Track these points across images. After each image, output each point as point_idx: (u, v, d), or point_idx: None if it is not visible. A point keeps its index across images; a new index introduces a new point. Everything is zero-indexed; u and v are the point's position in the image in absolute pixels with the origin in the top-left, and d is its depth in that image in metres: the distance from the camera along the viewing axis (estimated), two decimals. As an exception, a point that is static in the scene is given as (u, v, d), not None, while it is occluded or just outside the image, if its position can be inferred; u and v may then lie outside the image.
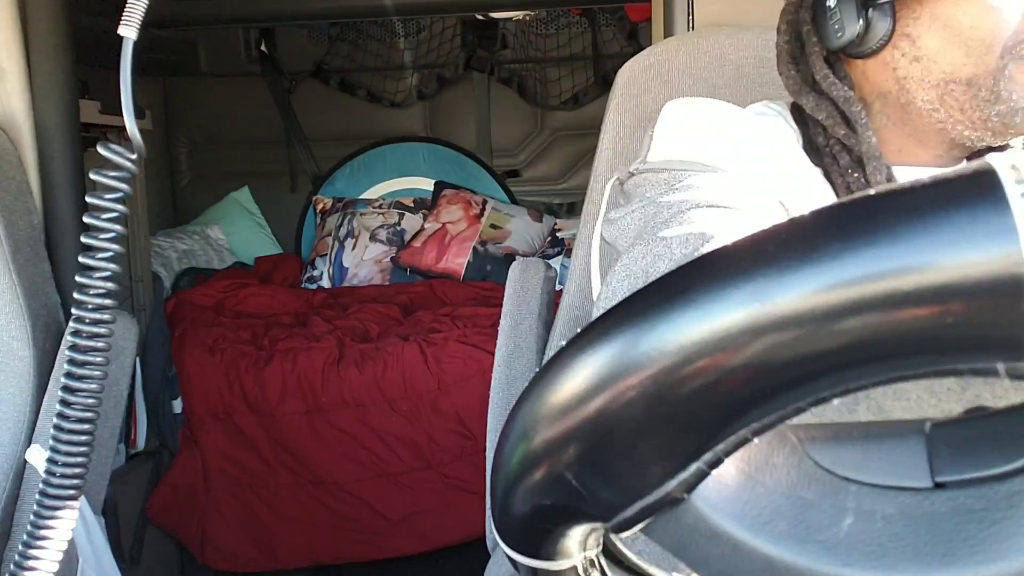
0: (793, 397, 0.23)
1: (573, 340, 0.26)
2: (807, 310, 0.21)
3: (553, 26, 3.11)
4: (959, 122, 0.63)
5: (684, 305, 0.23)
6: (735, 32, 1.08)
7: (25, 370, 1.09)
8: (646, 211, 0.63)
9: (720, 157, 0.65)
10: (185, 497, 1.93)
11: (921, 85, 0.63)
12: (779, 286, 0.21)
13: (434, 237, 2.88)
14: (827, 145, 0.68)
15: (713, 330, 0.22)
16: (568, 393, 0.25)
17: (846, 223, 0.22)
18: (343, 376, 1.97)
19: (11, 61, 1.18)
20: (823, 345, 0.21)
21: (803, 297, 0.21)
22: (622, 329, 0.24)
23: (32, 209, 1.18)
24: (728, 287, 0.22)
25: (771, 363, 0.22)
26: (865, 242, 0.21)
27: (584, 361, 0.25)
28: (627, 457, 0.24)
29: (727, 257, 0.23)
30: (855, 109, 0.65)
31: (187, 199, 3.25)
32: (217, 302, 2.42)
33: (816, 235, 0.22)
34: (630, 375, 0.23)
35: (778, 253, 0.22)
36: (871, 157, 0.65)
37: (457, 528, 1.96)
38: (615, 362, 0.24)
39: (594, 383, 0.25)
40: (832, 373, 0.22)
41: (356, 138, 3.22)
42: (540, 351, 1.07)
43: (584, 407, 0.25)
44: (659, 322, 0.23)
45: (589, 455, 0.25)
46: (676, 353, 0.23)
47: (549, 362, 0.27)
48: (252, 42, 3.12)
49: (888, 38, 0.63)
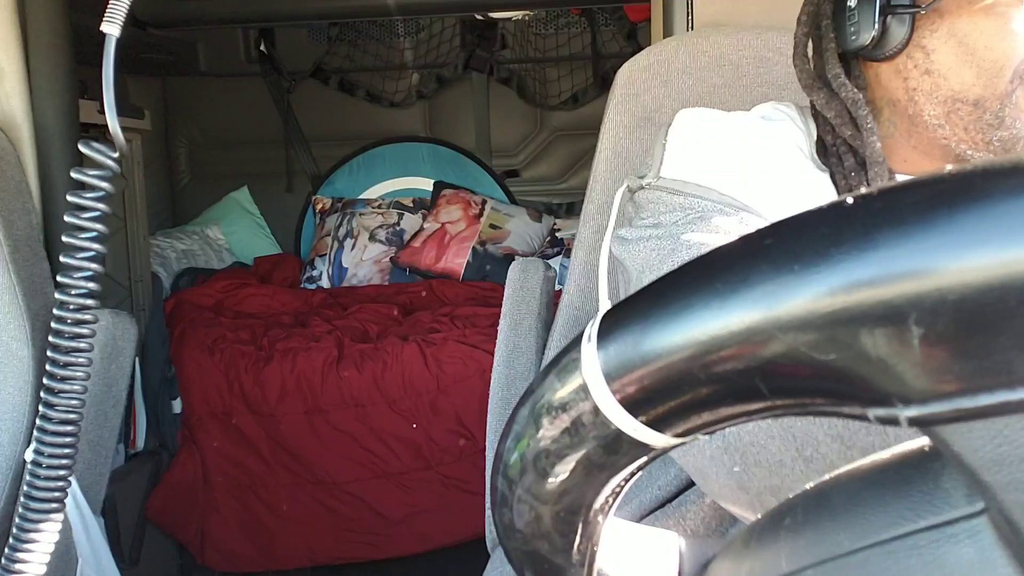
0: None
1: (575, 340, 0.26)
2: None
3: (552, 26, 3.11)
4: (963, 141, 0.63)
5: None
6: (734, 32, 1.08)
7: (24, 370, 1.08)
8: (662, 244, 0.63)
9: (734, 184, 0.65)
10: (184, 497, 1.92)
11: (929, 99, 0.63)
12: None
13: (433, 237, 2.88)
14: (834, 144, 0.68)
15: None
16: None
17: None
18: (342, 376, 1.97)
19: (10, 61, 1.18)
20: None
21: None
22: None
23: (31, 209, 1.18)
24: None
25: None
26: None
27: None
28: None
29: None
30: (862, 112, 0.65)
31: (186, 199, 3.25)
32: (216, 302, 2.42)
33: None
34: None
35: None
36: (874, 162, 0.65)
37: (456, 528, 1.96)
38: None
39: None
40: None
41: (355, 138, 3.21)
42: (539, 351, 1.07)
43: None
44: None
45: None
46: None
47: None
48: (251, 42, 3.12)
49: (903, 47, 0.63)
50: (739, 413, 0.24)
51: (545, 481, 0.27)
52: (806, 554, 0.24)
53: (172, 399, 1.95)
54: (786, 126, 0.72)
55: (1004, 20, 0.59)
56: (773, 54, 1.06)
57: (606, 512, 0.28)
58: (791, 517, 0.26)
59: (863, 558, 0.23)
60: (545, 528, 0.28)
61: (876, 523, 0.23)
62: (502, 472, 0.28)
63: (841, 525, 0.24)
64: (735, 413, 0.24)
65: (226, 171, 3.21)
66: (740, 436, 0.52)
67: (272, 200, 3.22)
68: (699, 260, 0.23)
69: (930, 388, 0.19)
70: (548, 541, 0.28)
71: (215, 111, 3.20)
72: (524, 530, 0.28)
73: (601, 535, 0.29)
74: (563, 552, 0.28)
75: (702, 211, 0.64)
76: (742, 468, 0.53)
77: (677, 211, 0.65)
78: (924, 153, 0.67)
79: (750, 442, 0.52)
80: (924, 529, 0.22)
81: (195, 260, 2.80)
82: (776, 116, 0.74)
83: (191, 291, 2.45)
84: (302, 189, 3.25)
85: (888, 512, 0.23)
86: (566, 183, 3.23)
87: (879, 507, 0.23)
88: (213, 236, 3.01)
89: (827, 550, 0.24)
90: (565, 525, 0.28)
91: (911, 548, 0.22)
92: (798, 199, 0.67)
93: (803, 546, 0.24)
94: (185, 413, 1.98)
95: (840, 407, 0.22)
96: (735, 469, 0.53)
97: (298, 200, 3.24)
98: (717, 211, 0.63)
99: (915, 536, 0.22)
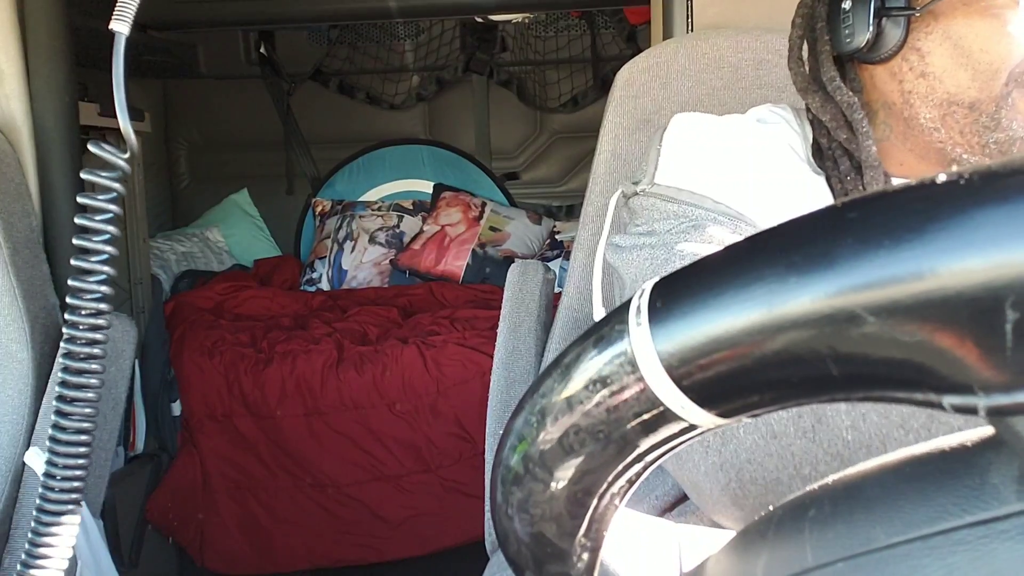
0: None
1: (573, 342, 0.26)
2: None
3: (552, 29, 3.11)
4: (958, 144, 0.62)
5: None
6: (734, 34, 1.08)
7: (24, 373, 1.08)
8: (656, 254, 0.63)
9: (729, 191, 0.65)
10: (184, 500, 1.92)
11: (925, 102, 0.63)
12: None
13: (433, 239, 2.88)
14: (829, 147, 0.68)
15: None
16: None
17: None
18: (342, 379, 1.97)
19: (10, 63, 1.18)
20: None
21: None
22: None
23: (31, 211, 1.18)
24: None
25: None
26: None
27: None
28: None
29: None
30: (858, 116, 0.65)
31: (186, 201, 3.25)
32: (216, 304, 2.42)
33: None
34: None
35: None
36: (869, 166, 0.64)
37: (456, 531, 1.96)
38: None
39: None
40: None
41: (355, 140, 3.22)
42: (539, 354, 1.07)
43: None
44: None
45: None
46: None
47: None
48: (251, 44, 3.12)
49: (898, 49, 0.63)
50: (798, 396, 0.23)
51: (569, 457, 0.26)
52: (836, 547, 0.23)
53: (172, 401, 1.95)
54: (781, 129, 0.72)
55: (999, 22, 0.59)
56: (772, 56, 1.06)
57: (622, 497, 0.27)
58: (816, 509, 0.25)
59: (903, 552, 0.22)
60: (557, 509, 0.27)
61: (917, 517, 0.22)
62: (517, 448, 0.27)
63: (877, 518, 0.23)
64: (794, 396, 0.23)
65: (226, 173, 3.21)
66: (737, 453, 0.52)
67: (272, 202, 3.22)
68: (771, 231, 0.22)
69: (1018, 377, 0.19)
70: (557, 523, 0.27)
71: (215, 113, 3.20)
72: (533, 511, 0.27)
73: (612, 521, 0.28)
74: (569, 536, 0.27)
75: (696, 220, 0.63)
76: (738, 485, 0.52)
77: (671, 219, 0.64)
78: (920, 156, 0.66)
79: (747, 459, 0.51)
80: (971, 525, 0.21)
81: (195, 262, 2.80)
82: (772, 119, 0.73)
83: (191, 293, 2.45)
84: (302, 191, 3.25)
85: (930, 506, 0.22)
86: (566, 185, 3.24)
87: (919, 501, 0.22)
88: (213, 238, 3.01)
89: (860, 543, 0.23)
90: (578, 507, 0.27)
91: (956, 543, 0.21)
92: (793, 204, 0.67)
93: (832, 539, 0.24)
94: (185, 415, 1.97)
95: (912, 394, 0.21)
96: (731, 486, 0.53)
97: (298, 202, 3.24)
98: (711, 220, 0.63)
99: (961, 531, 0.21)
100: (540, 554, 0.28)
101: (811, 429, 0.48)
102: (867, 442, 0.47)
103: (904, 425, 0.46)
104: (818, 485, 0.26)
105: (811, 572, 0.23)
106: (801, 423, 0.49)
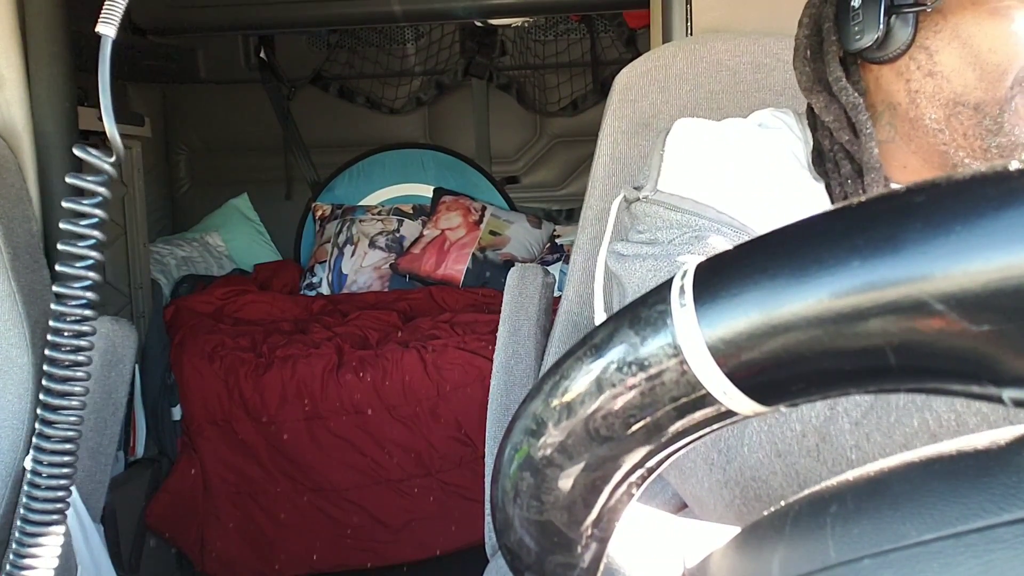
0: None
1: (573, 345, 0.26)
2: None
3: (552, 33, 3.11)
4: (961, 147, 0.62)
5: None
6: (733, 38, 1.08)
7: (24, 377, 1.08)
8: (659, 264, 0.63)
9: (731, 199, 0.65)
10: (184, 504, 1.92)
11: (931, 102, 0.63)
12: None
13: (433, 244, 2.88)
14: (831, 150, 0.68)
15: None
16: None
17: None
18: (342, 383, 1.96)
19: (10, 68, 1.18)
20: None
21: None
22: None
23: (31, 216, 1.18)
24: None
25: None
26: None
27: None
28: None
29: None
30: (862, 118, 0.65)
31: (186, 206, 3.25)
32: (216, 309, 2.42)
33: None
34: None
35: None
36: (870, 168, 0.64)
37: (456, 535, 1.96)
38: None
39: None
40: None
41: (355, 145, 3.22)
42: (539, 357, 1.07)
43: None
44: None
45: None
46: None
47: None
48: (251, 49, 3.13)
49: (906, 48, 0.63)
50: (849, 386, 0.22)
51: (592, 442, 0.24)
52: (862, 543, 0.23)
53: (172, 406, 1.95)
54: (783, 134, 0.72)
55: (1008, 22, 0.59)
56: (771, 60, 1.06)
57: (638, 487, 0.26)
58: (838, 504, 0.24)
59: (935, 550, 0.21)
60: (573, 497, 0.26)
61: (950, 514, 0.21)
62: (534, 432, 0.26)
63: (906, 515, 0.22)
64: (844, 385, 0.22)
65: (226, 178, 3.22)
66: (742, 471, 0.52)
67: (272, 207, 3.22)
68: (829, 214, 0.21)
69: None
70: (569, 511, 0.26)
71: (215, 118, 3.21)
72: (545, 497, 0.26)
73: (624, 513, 0.27)
74: (577, 525, 0.26)
75: (699, 230, 0.63)
76: (742, 502, 0.52)
77: (674, 228, 0.64)
78: (923, 159, 0.66)
79: (752, 477, 0.51)
80: (1009, 523, 0.20)
81: (195, 267, 2.80)
82: (773, 124, 0.73)
83: (191, 298, 2.45)
84: (302, 196, 3.25)
85: (964, 504, 0.21)
86: (565, 189, 3.24)
87: (952, 498, 0.22)
88: (213, 243, 3.02)
89: (888, 540, 0.22)
90: (594, 494, 0.26)
91: (992, 541, 0.20)
92: (794, 211, 0.67)
93: (857, 535, 0.23)
94: (185, 420, 1.97)
95: (970, 386, 0.20)
96: (735, 503, 0.52)
97: (298, 207, 3.24)
98: (714, 231, 0.63)
99: (998, 529, 0.20)
100: (545, 544, 0.27)
101: (815, 448, 0.48)
102: (871, 462, 0.47)
103: (907, 445, 0.46)
104: (836, 481, 0.25)
105: (834, 568, 0.23)
106: (806, 442, 0.49)
